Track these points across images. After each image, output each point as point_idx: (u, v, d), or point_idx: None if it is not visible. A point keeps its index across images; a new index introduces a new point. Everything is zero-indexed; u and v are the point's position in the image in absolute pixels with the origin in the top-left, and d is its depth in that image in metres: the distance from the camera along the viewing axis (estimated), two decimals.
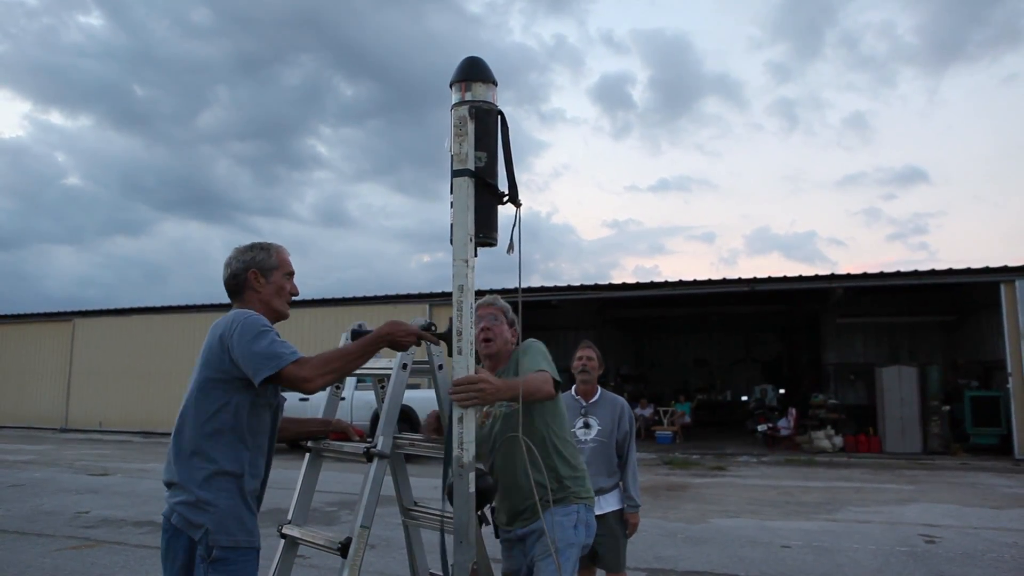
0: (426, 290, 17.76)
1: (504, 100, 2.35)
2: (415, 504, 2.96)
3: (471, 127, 2.24)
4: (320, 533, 2.70)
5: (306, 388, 2.27)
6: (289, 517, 2.81)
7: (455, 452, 2.30)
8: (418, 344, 2.48)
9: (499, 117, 2.30)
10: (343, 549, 2.46)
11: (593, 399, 4.08)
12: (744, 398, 22.76)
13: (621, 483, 4.07)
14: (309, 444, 2.88)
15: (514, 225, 2.33)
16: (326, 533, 2.69)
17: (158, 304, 22.00)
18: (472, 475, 2.30)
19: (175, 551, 2.33)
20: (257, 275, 2.52)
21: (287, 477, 3.14)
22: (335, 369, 2.29)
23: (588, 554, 3.49)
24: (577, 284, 17.51)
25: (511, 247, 2.33)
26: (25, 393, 23.00)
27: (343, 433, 2.93)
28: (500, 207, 2.34)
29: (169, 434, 2.52)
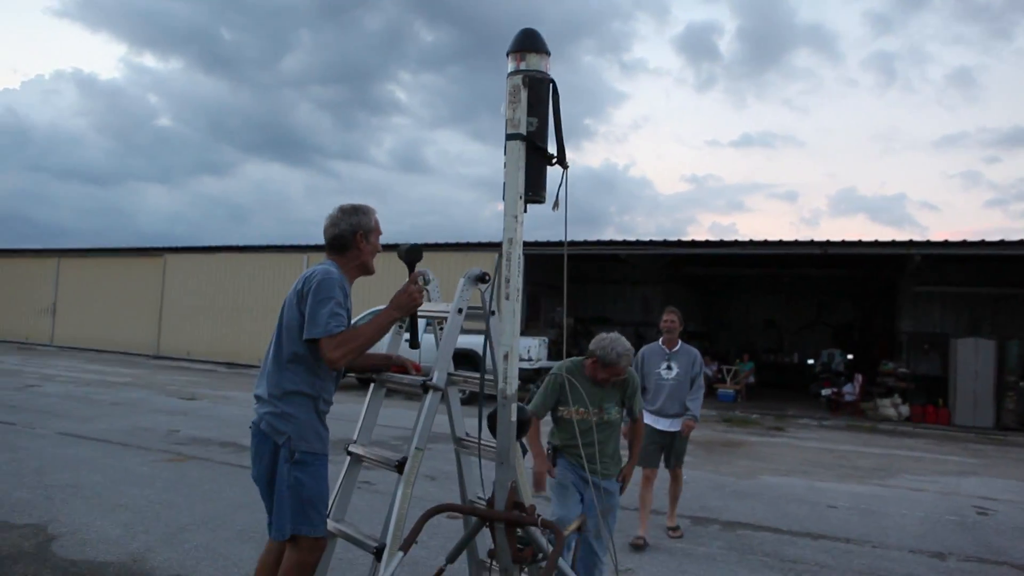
0: (496, 239, 18.02)
1: (585, 49, 2.58)
2: (467, 435, 3.28)
3: (524, 95, 2.45)
4: (381, 452, 3.07)
5: (330, 365, 2.74)
6: (355, 438, 3.18)
7: (500, 385, 2.58)
8: (421, 288, 2.93)
9: (551, 85, 2.50)
10: (399, 467, 2.82)
11: (675, 349, 5.70)
12: (810, 361, 22.34)
13: (688, 402, 5.62)
14: (373, 376, 3.24)
15: (560, 185, 2.56)
16: (386, 453, 3.05)
17: (241, 243, 23.11)
18: (514, 406, 2.58)
19: (262, 452, 2.80)
20: (362, 237, 2.93)
21: (352, 411, 3.52)
22: (356, 349, 2.74)
23: (657, 455, 5.65)
24: (646, 239, 17.43)
25: (556, 204, 2.56)
26: (121, 321, 24.74)
27: (403, 367, 3.28)
28: (549, 168, 2.56)
29: (249, 366, 3.01)
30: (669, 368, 5.63)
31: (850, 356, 20.87)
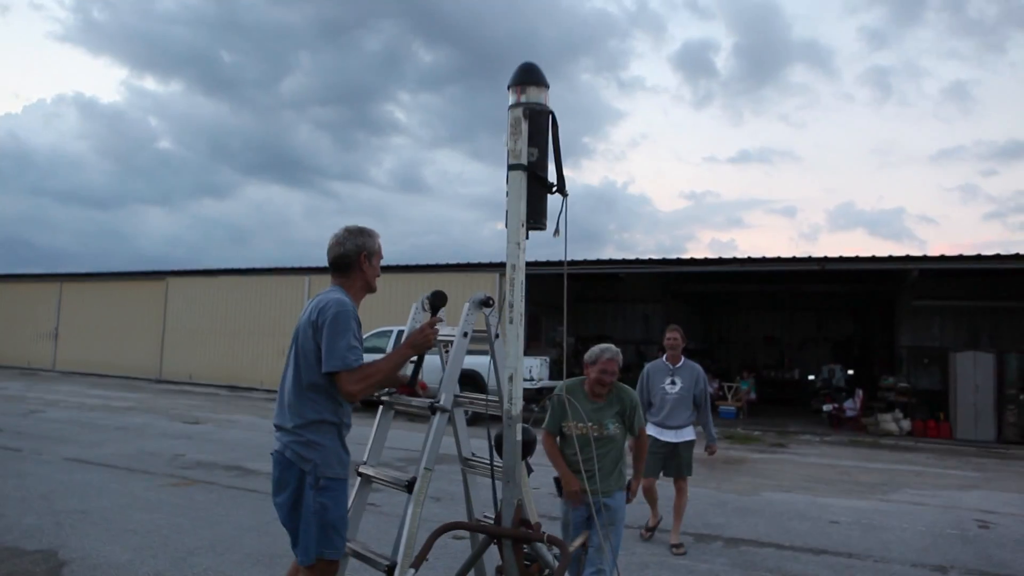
0: (496, 259, 18.12)
1: (582, 67, 2.70)
2: (472, 455, 3.36)
3: (525, 126, 2.57)
4: (390, 473, 3.15)
5: (348, 398, 2.83)
6: (365, 459, 3.26)
7: (505, 406, 2.66)
8: (437, 332, 3.02)
9: (550, 117, 2.62)
10: (409, 486, 2.90)
11: (678, 365, 6.04)
12: (811, 377, 22.38)
13: (701, 426, 6.06)
14: (382, 398, 3.33)
15: (560, 212, 2.66)
16: (395, 473, 3.13)
17: (243, 266, 23.21)
18: (519, 426, 2.67)
19: (287, 479, 2.85)
20: (366, 259, 3.03)
21: (360, 433, 3.61)
22: (375, 384, 2.86)
23: (662, 466, 5.90)
24: (644, 258, 17.56)
25: (557, 231, 2.66)
26: (123, 345, 24.78)
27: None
28: (549, 196, 2.67)
29: (252, 389, 3.07)
30: (673, 383, 5.97)
31: (851, 371, 20.91)
